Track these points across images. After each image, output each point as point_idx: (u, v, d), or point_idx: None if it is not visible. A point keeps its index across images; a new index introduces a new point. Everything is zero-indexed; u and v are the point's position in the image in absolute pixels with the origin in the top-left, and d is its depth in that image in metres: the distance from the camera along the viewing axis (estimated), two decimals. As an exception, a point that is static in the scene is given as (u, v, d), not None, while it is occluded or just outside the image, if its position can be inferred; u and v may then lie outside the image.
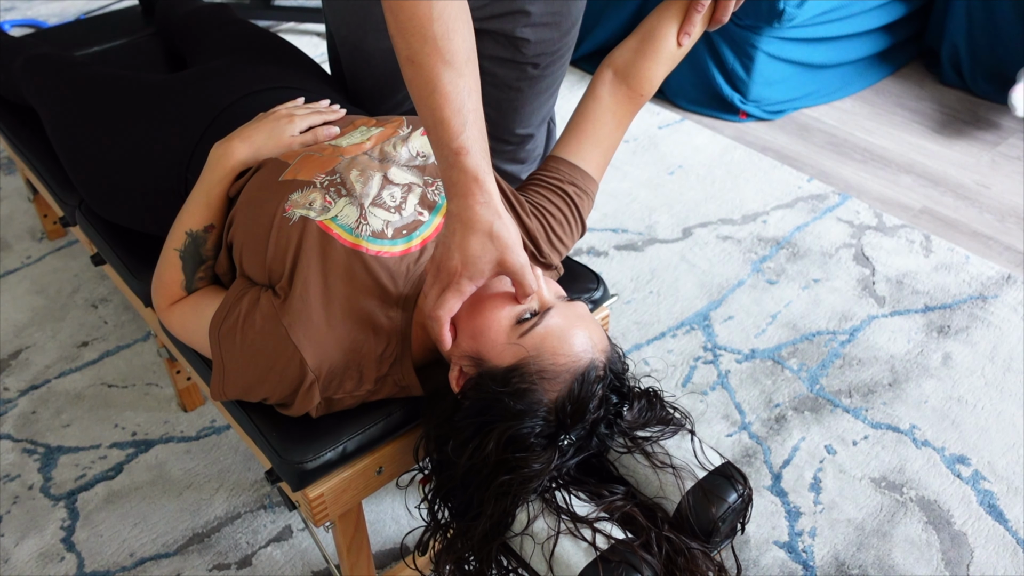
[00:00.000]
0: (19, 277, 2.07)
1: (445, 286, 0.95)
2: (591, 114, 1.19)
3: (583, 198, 1.19)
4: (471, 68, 0.96)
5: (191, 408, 1.72)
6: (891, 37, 2.88)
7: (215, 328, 1.06)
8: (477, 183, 0.93)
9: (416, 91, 0.95)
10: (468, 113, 0.94)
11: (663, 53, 1.17)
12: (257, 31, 1.61)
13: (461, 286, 0.94)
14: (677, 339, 1.88)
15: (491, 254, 0.93)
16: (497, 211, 0.94)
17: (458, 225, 0.93)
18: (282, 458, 1.04)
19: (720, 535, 0.96)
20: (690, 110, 2.74)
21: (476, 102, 0.95)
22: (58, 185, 1.56)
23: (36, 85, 1.57)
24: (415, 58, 0.93)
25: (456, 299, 0.95)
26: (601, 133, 1.19)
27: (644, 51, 1.17)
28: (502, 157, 1.59)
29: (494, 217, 0.93)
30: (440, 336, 0.97)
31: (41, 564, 1.46)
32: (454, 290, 0.94)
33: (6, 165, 2.47)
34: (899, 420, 1.69)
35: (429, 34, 0.93)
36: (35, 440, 1.67)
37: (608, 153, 1.21)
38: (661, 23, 1.17)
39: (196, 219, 1.14)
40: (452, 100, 0.93)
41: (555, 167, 1.18)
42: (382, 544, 1.49)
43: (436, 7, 0.92)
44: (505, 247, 0.93)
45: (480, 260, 0.93)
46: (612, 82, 1.19)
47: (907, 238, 2.17)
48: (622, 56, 1.19)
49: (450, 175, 0.94)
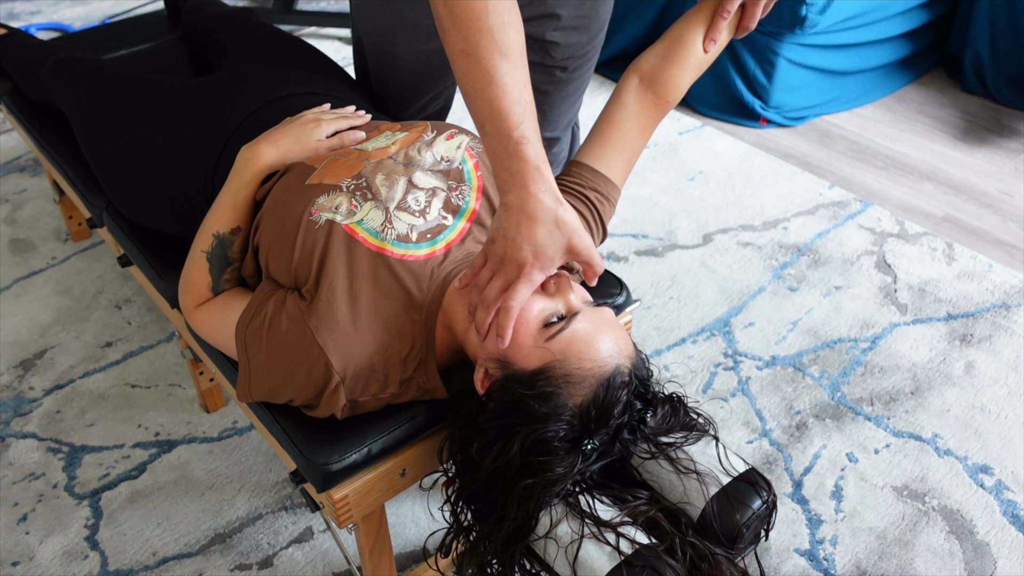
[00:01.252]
0: (44, 278, 2.09)
1: (513, 277, 0.94)
2: (616, 120, 1.19)
3: (605, 204, 1.19)
4: (524, 61, 0.97)
5: (213, 409, 1.73)
6: (913, 44, 2.86)
7: (241, 330, 1.06)
8: (539, 172, 0.93)
9: (472, 83, 0.95)
10: (526, 104, 0.95)
11: (690, 60, 1.18)
12: (282, 35, 1.62)
13: (532, 276, 0.94)
14: (697, 345, 1.88)
15: (559, 241, 0.93)
16: (558, 198, 0.94)
17: (522, 216, 0.93)
18: (307, 459, 1.05)
19: (744, 541, 0.96)
20: (711, 116, 2.73)
21: (530, 94, 0.96)
22: (85, 187, 1.58)
23: (64, 88, 1.59)
24: (472, 50, 0.94)
25: (527, 289, 0.95)
26: (626, 139, 1.19)
27: (671, 58, 1.18)
28: None
29: (557, 204, 0.93)
30: (506, 329, 0.95)
31: (65, 562, 1.47)
32: (526, 280, 0.94)
33: (32, 167, 2.49)
34: (921, 429, 1.68)
35: (485, 26, 0.94)
36: (59, 439, 1.69)
37: (631, 160, 1.21)
38: (688, 30, 1.17)
39: (223, 221, 1.16)
40: (510, 91, 0.94)
41: (578, 172, 1.19)
42: (403, 546, 1.49)
43: (491, 1, 0.94)
44: (572, 232, 0.94)
45: (550, 248, 0.93)
46: (638, 88, 1.19)
47: (929, 246, 2.16)
48: (648, 62, 1.19)
49: (509, 165, 0.94)
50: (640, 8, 2.81)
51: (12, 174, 2.47)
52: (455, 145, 1.16)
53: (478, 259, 0.99)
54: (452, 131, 1.17)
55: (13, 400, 1.77)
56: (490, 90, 0.94)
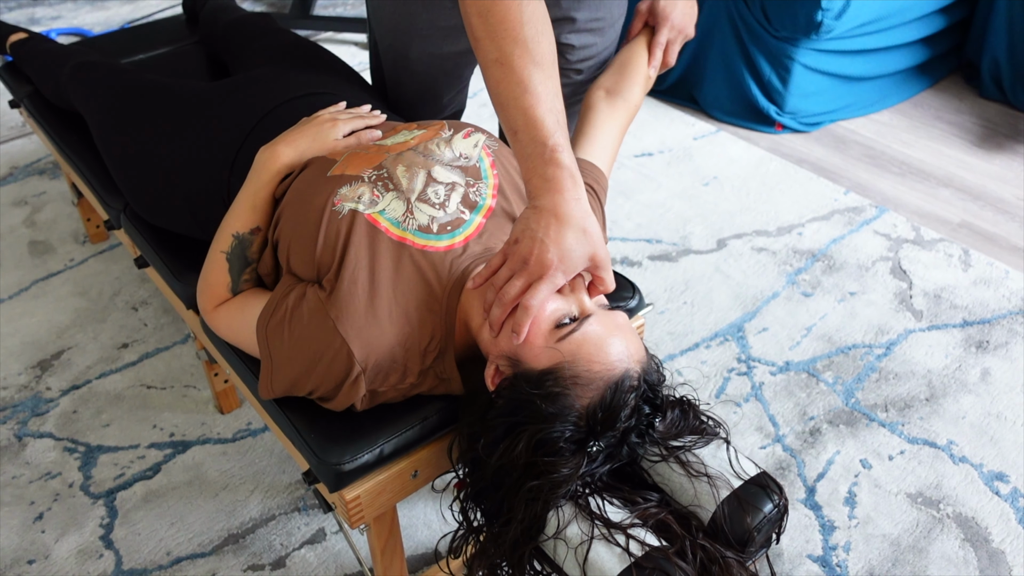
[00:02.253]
0: (62, 279, 2.11)
1: (537, 278, 0.96)
2: (594, 119, 1.31)
3: (602, 195, 1.24)
4: (556, 71, 1.00)
5: (228, 410, 1.75)
6: (930, 50, 2.85)
7: (263, 325, 1.07)
8: (573, 179, 0.96)
9: (505, 92, 0.98)
10: (558, 113, 0.98)
11: (640, 76, 1.38)
12: (298, 40, 1.63)
13: (555, 278, 0.96)
14: (711, 350, 1.88)
15: (585, 248, 0.96)
16: (588, 209, 0.97)
17: (552, 220, 0.95)
18: (320, 459, 1.06)
19: (755, 545, 0.96)
20: (725, 121, 2.73)
21: (562, 103, 1.00)
22: (103, 189, 1.59)
23: (83, 91, 1.61)
24: (506, 60, 0.97)
25: (549, 290, 0.96)
26: (605, 134, 1.30)
27: (625, 74, 1.36)
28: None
29: (586, 214, 0.96)
30: (522, 325, 0.96)
31: (80, 561, 1.48)
32: (549, 281, 0.96)
33: (51, 170, 2.52)
34: (936, 435, 1.67)
35: (520, 37, 0.97)
36: (76, 439, 1.70)
37: (613, 150, 1.31)
38: (633, 55, 1.39)
39: (242, 222, 1.17)
40: (544, 100, 0.97)
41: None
42: (414, 548, 1.50)
43: (526, 11, 0.97)
44: (598, 243, 0.97)
45: (575, 254, 0.96)
46: (605, 98, 1.34)
47: (945, 252, 2.15)
48: (608, 80, 1.37)
49: (545, 171, 0.96)
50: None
51: (32, 177, 2.50)
52: (472, 143, 1.17)
53: (496, 259, 1.00)
54: (469, 130, 1.18)
55: (31, 400, 1.79)
56: (524, 99, 0.97)
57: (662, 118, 2.74)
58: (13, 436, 1.71)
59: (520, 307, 0.96)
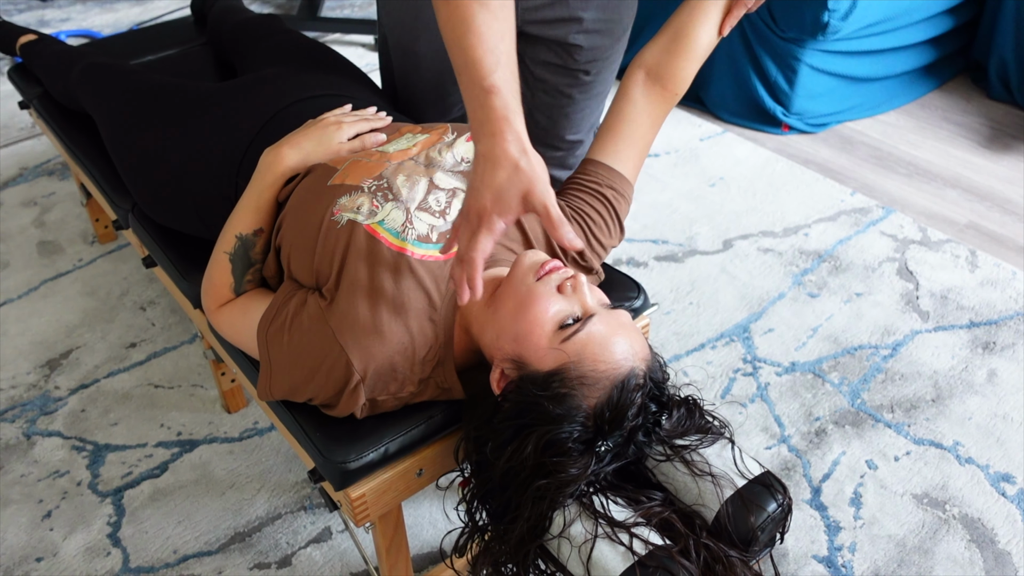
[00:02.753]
0: (71, 279, 2.12)
1: (477, 228, 0.92)
2: (626, 116, 1.20)
3: (620, 201, 1.20)
4: (506, 14, 0.95)
5: (234, 410, 1.75)
6: (937, 50, 2.85)
7: (263, 329, 1.08)
8: (507, 122, 0.91)
9: (449, 32, 0.94)
10: (501, 55, 0.93)
11: (695, 50, 1.18)
12: (306, 41, 1.64)
13: (493, 224, 0.92)
14: (716, 351, 1.88)
15: (517, 187, 0.90)
16: (524, 149, 0.91)
17: (487, 164, 0.91)
18: (325, 458, 1.06)
19: (759, 544, 0.96)
20: (732, 122, 2.73)
21: (510, 47, 0.94)
22: (112, 189, 1.60)
23: (92, 92, 1.62)
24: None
25: (488, 239, 0.92)
26: (636, 134, 1.20)
27: (676, 50, 1.18)
28: (551, 163, 1.61)
29: (520, 154, 0.90)
30: (473, 280, 0.93)
31: (88, 558, 1.49)
32: (486, 229, 0.92)
33: (60, 171, 2.54)
34: (942, 436, 1.67)
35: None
36: (84, 438, 1.71)
37: (643, 154, 1.22)
38: (691, 19, 1.17)
39: (246, 223, 1.17)
40: (485, 40, 0.92)
41: (593, 170, 1.20)
42: (420, 547, 1.50)
43: None
44: (531, 180, 0.90)
45: (507, 193, 0.90)
46: (645, 83, 1.20)
47: (952, 253, 2.14)
48: (653, 56, 1.20)
49: (479, 115, 0.92)
50: (663, 12, 2.81)
51: (41, 177, 2.51)
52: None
53: (457, 219, 0.97)
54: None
55: (39, 399, 1.80)
56: (466, 39, 0.92)
57: (668, 119, 2.74)
58: (22, 435, 1.72)
59: (463, 261, 0.94)
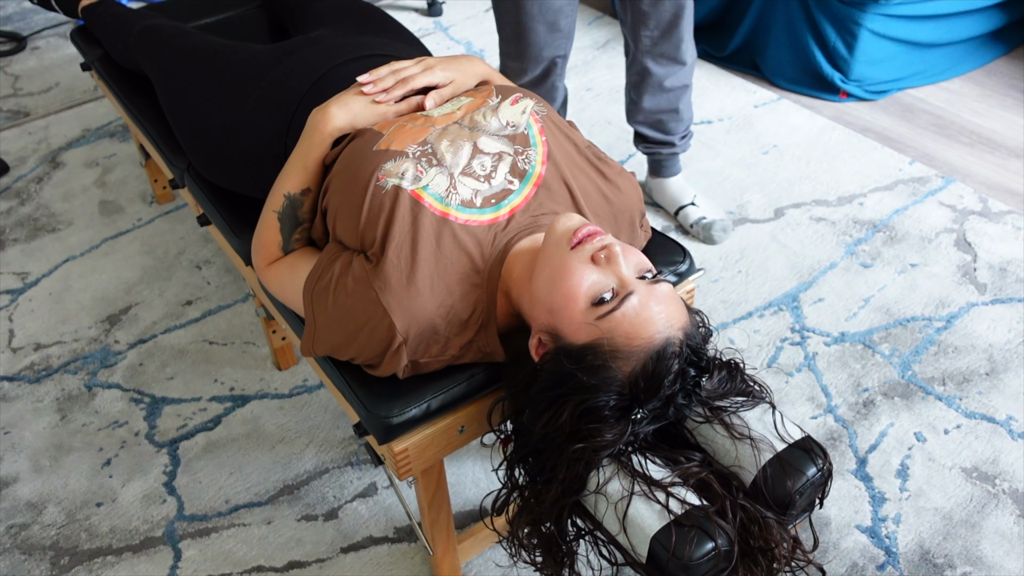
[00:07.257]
0: (131, 238, 2.18)
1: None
2: None
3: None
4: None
5: (285, 367, 1.79)
6: (1006, 15, 2.74)
7: (308, 288, 1.10)
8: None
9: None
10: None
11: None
12: (358, 3, 1.65)
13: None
14: (764, 319, 1.86)
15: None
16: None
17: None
18: (370, 412, 1.09)
19: (797, 508, 0.96)
20: (788, 89, 2.67)
21: None
22: (168, 149, 1.64)
23: (150, 54, 1.65)
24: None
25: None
26: None
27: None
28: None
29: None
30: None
31: (145, 505, 1.55)
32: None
33: (121, 132, 2.60)
34: (995, 411, 1.64)
35: None
36: (142, 390, 1.77)
37: None
38: None
39: (294, 182, 1.19)
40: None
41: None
42: (462, 505, 1.53)
43: None
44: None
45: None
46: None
47: (1013, 224, 2.08)
48: None
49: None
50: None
51: (103, 139, 2.58)
52: (520, 109, 1.16)
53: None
54: (517, 95, 1.18)
55: (100, 352, 1.86)
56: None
57: (723, 85, 2.70)
58: (83, 386, 1.78)
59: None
